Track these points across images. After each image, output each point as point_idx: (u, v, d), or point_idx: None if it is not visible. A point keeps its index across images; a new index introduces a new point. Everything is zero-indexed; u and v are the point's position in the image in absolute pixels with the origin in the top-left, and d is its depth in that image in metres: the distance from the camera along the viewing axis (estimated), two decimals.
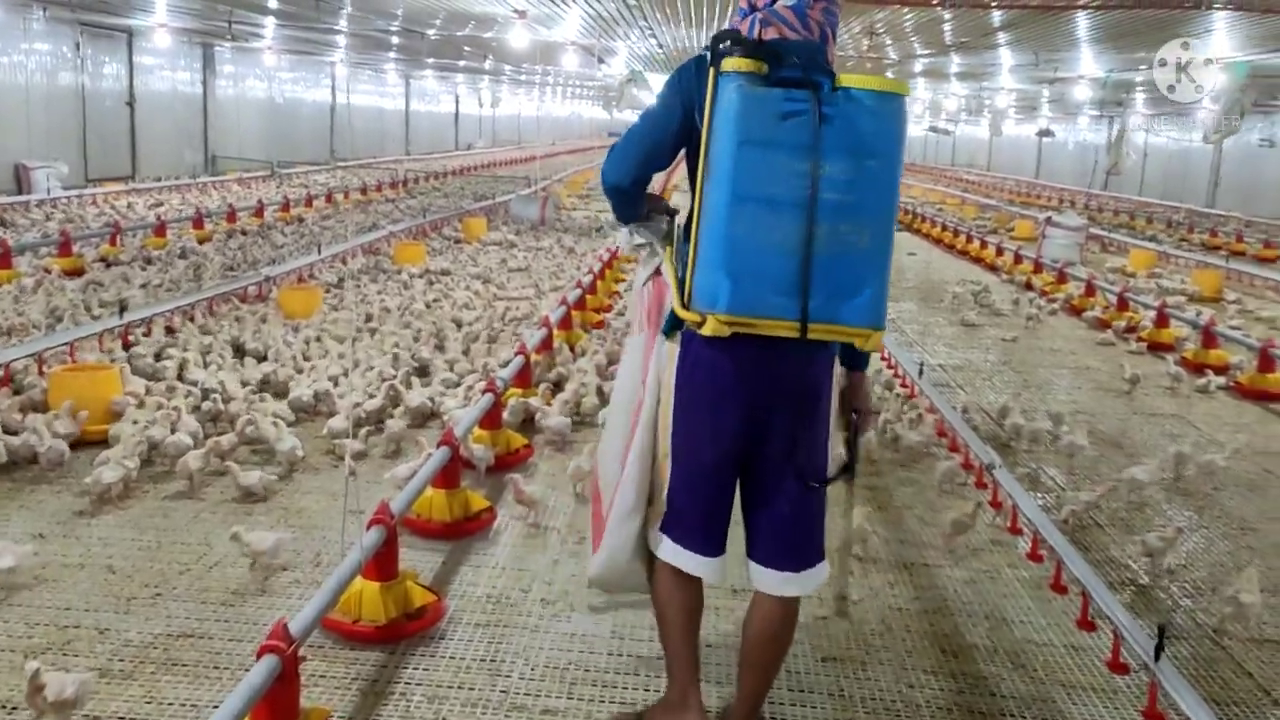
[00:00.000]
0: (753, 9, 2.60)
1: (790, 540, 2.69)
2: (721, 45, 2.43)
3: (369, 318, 8.32)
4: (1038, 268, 13.15)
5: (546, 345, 7.08)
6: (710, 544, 2.74)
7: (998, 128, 32.71)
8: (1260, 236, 18.46)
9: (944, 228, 18.02)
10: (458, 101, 45.10)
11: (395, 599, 3.55)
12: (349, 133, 31.63)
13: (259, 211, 14.75)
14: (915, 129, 52.66)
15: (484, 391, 5.28)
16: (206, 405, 5.66)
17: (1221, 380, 7.93)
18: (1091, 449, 6.22)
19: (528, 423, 5.89)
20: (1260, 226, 20.01)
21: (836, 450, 2.82)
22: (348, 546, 3.34)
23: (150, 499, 4.72)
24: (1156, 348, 9.24)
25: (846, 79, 2.43)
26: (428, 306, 8.97)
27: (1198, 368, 8.38)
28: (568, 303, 8.01)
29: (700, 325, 2.44)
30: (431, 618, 3.63)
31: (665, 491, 2.74)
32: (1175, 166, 29.08)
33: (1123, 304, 10.35)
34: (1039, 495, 5.33)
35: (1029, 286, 12.54)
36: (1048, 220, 15.37)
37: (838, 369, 2.74)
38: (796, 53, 2.45)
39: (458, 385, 6.44)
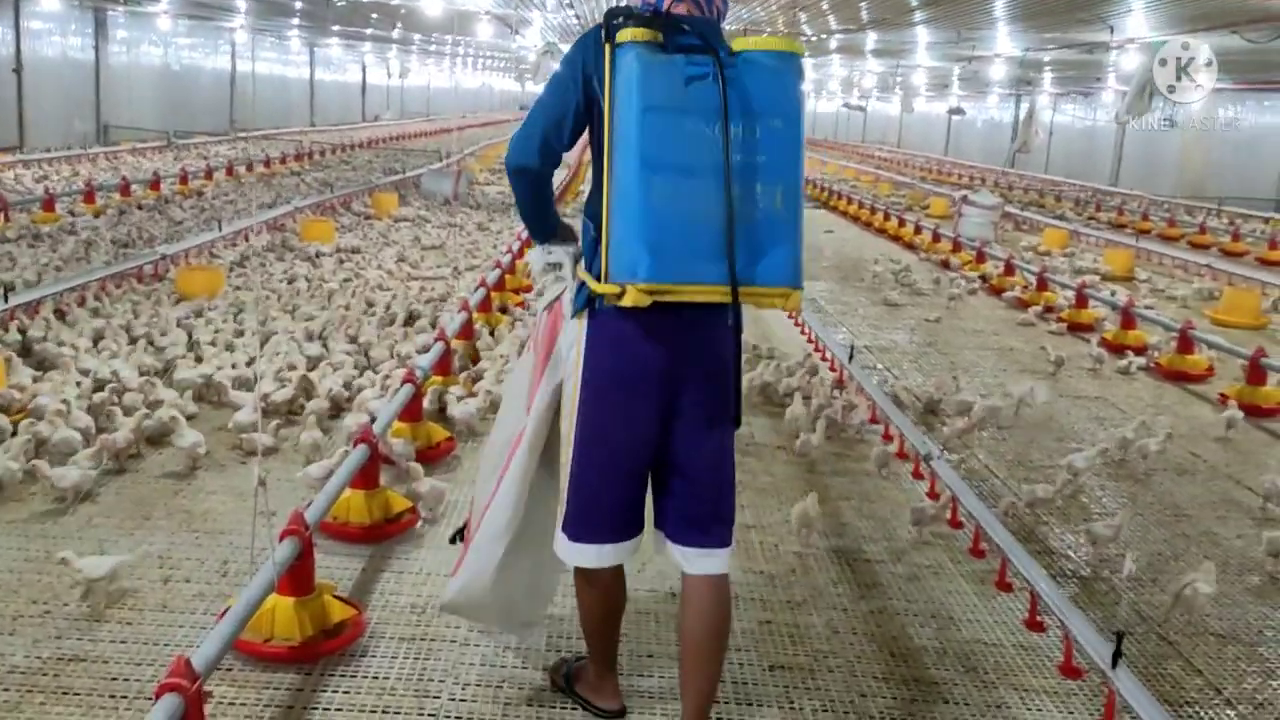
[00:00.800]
0: None
1: (707, 513, 2.67)
2: (615, 20, 2.41)
3: (277, 297, 7.90)
4: (956, 246, 13.20)
5: (466, 330, 6.78)
6: (622, 531, 2.70)
7: (909, 105, 33.02)
8: (1164, 215, 18.90)
9: (860, 205, 18.05)
10: (365, 71, 43.98)
11: (311, 615, 3.26)
12: (251, 103, 30.49)
13: (155, 184, 14.04)
14: (828, 105, 53.25)
15: (403, 382, 4.98)
16: (99, 396, 5.26)
17: (1141, 361, 7.99)
18: (1021, 433, 6.19)
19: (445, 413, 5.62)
20: (1163, 205, 20.49)
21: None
22: (258, 559, 3.05)
23: (37, 502, 4.33)
24: (1076, 328, 9.30)
25: (742, 41, 2.46)
26: (339, 286, 8.58)
27: (1118, 348, 8.44)
28: (486, 284, 7.70)
29: (619, 296, 2.38)
30: (351, 634, 3.35)
31: (566, 490, 2.69)
32: (1080, 145, 29.75)
33: (1042, 284, 10.41)
34: (975, 482, 5.25)
35: (947, 265, 12.59)
36: (963, 199, 15.46)
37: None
38: (693, 24, 2.45)
39: (372, 371, 6.12)
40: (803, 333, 8.39)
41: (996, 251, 12.68)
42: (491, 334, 7.13)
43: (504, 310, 8.00)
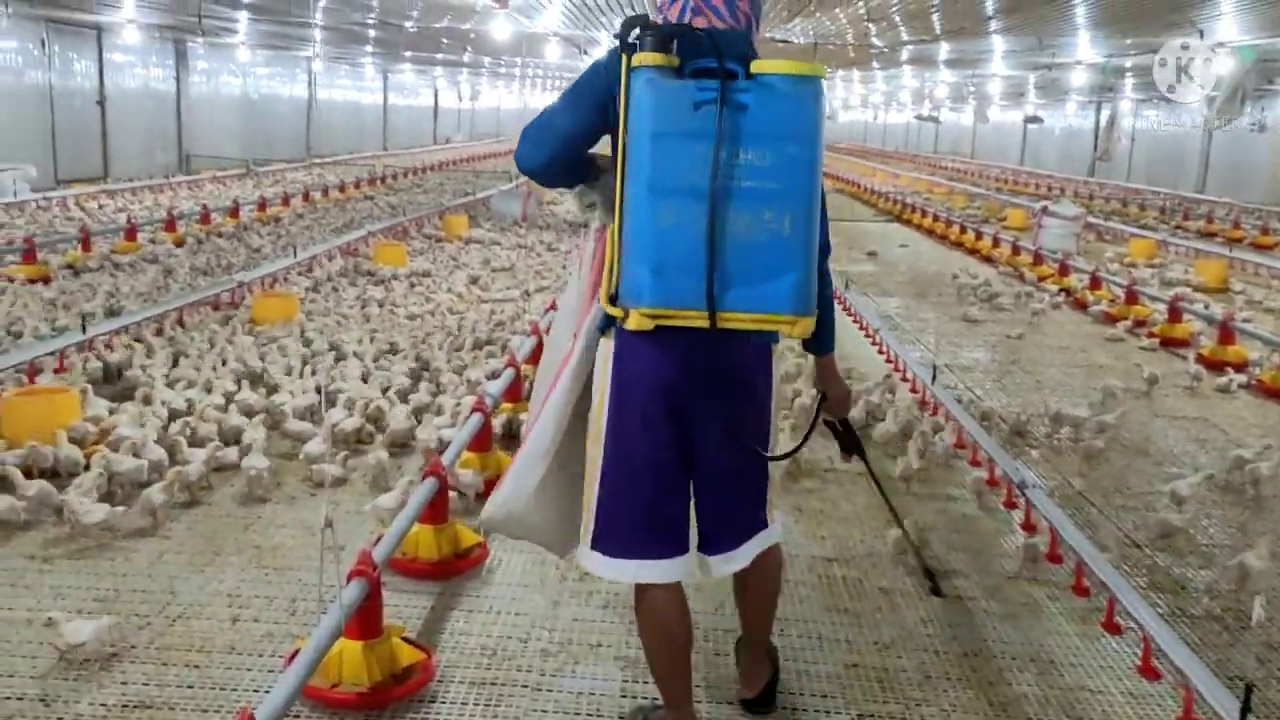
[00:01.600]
0: None
1: (740, 520, 2.78)
2: (631, 35, 2.42)
3: (348, 322, 7.89)
4: (1038, 259, 12.80)
5: (537, 355, 6.67)
6: (659, 545, 2.68)
7: (983, 114, 32.39)
8: (1256, 223, 18.19)
9: (935, 218, 17.67)
10: (436, 95, 44.54)
11: (379, 659, 3.15)
12: (326, 129, 31.02)
13: (234, 212, 14.26)
14: (899, 117, 52.57)
15: (472, 410, 4.88)
16: (175, 428, 5.25)
17: (1242, 379, 7.60)
18: (1116, 456, 5.89)
19: (515, 439, 5.50)
20: (1255, 212, 19.73)
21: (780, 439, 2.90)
22: (326, 601, 2.95)
23: (108, 539, 4.30)
24: (1170, 344, 8.90)
25: (760, 64, 2.42)
26: (410, 316, 8.56)
27: (1216, 365, 8.05)
28: (558, 306, 7.58)
29: (624, 320, 2.44)
30: (421, 679, 3.23)
31: (594, 504, 2.69)
32: (1163, 152, 28.85)
33: (1131, 297, 10.01)
34: (1069, 510, 4.98)
35: (1022, 278, 12.22)
36: (1043, 209, 15.03)
37: (775, 354, 2.76)
38: (716, 40, 2.43)
39: (442, 397, 6.05)
40: (880, 351, 8.13)
41: (1080, 263, 12.27)
42: None
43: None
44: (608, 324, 2.60)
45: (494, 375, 6.22)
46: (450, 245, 13.20)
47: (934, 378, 6.37)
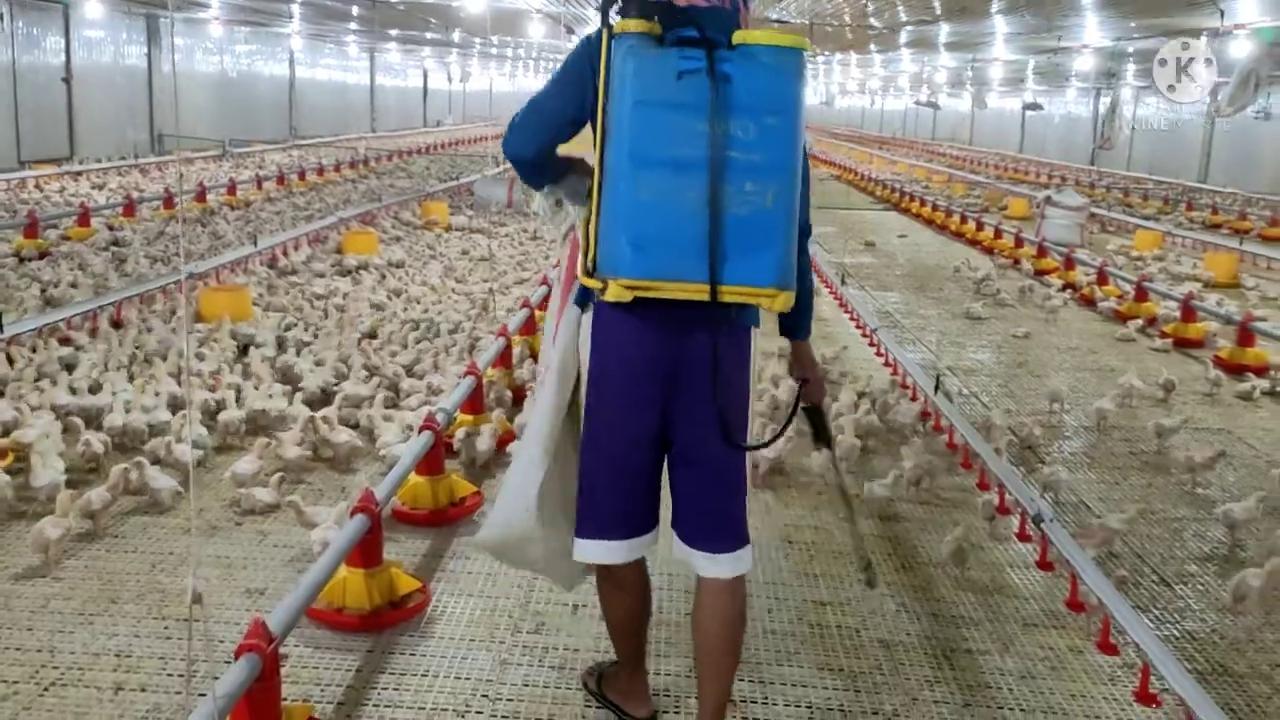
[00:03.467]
0: None
1: (711, 515, 2.63)
2: (612, 8, 2.41)
3: (303, 324, 7.30)
4: (1041, 252, 12.25)
5: (504, 358, 6.11)
6: (630, 526, 2.65)
7: (982, 100, 31.78)
8: (1263, 213, 17.64)
9: (934, 207, 17.11)
10: (426, 76, 43.79)
11: None
12: (309, 110, 30.31)
13: (200, 196, 13.62)
14: (896, 103, 51.91)
15: (420, 429, 4.31)
16: (87, 439, 4.67)
17: (1265, 384, 7.07)
18: (1137, 475, 5.36)
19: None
20: (1260, 203, 19.18)
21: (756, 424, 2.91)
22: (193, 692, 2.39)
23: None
24: (1184, 344, 8.37)
25: (743, 35, 2.37)
26: (375, 306, 7.98)
27: (1235, 369, 7.51)
28: (530, 303, 7.03)
29: (603, 291, 2.38)
30: None
31: (578, 489, 2.66)
32: (1164, 140, 28.26)
33: (1141, 294, 9.46)
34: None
35: (1018, 263, 11.71)
36: (1046, 199, 14.47)
37: (754, 338, 2.62)
38: (696, 15, 2.39)
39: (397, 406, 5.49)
40: (879, 354, 7.58)
41: (1084, 256, 11.72)
42: (535, 358, 6.46)
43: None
44: (585, 298, 2.56)
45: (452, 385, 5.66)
46: (429, 233, 12.61)
47: (937, 387, 5.81)
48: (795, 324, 2.74)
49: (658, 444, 2.60)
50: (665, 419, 2.56)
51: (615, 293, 2.34)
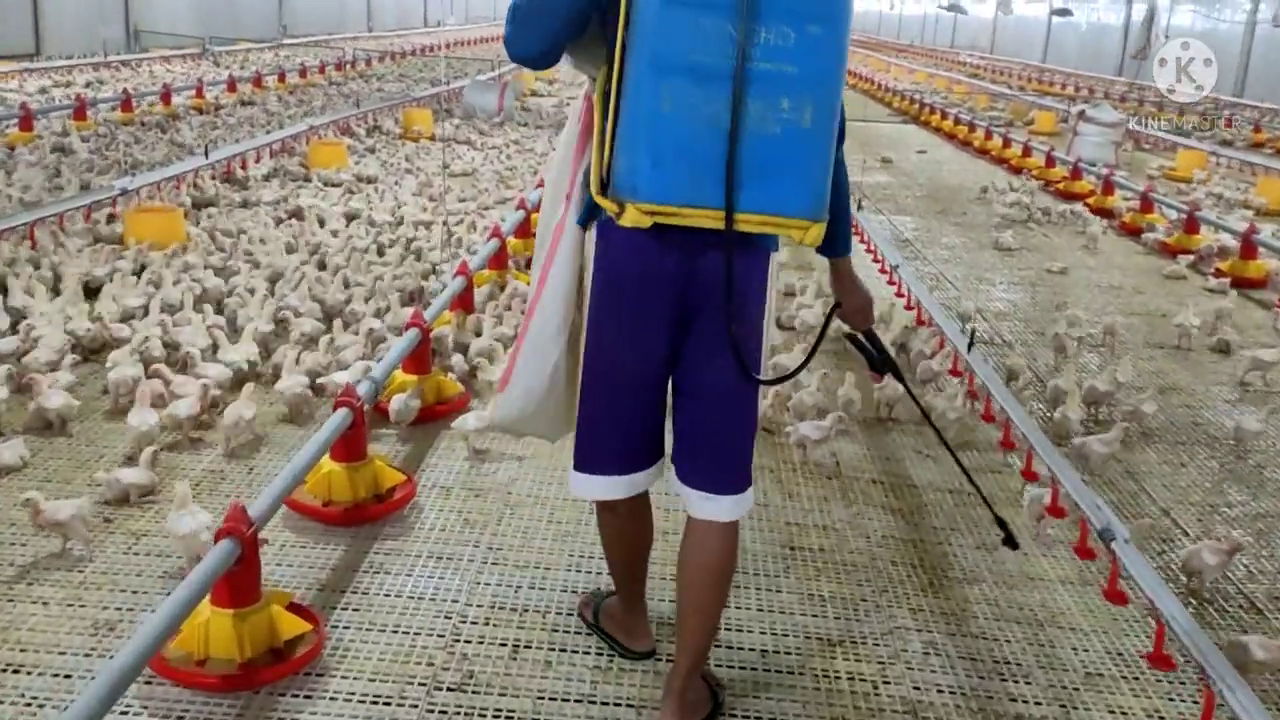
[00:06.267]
0: None
1: (712, 454, 2.44)
2: None
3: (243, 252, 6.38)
4: (1076, 173, 11.22)
5: (465, 299, 5.24)
6: (633, 459, 2.49)
7: (1007, 5, 30.17)
8: None
9: (956, 120, 15.98)
10: None
11: None
12: (302, 7, 28.86)
13: (165, 97, 12.57)
14: (915, 8, 49.86)
15: (336, 405, 3.47)
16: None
17: None
18: (1201, 466, 4.50)
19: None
20: None
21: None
22: None
23: None
24: (1243, 285, 7.42)
25: None
26: (334, 233, 7.06)
27: None
28: (501, 233, 6.10)
29: (619, 215, 2.13)
30: None
31: (577, 420, 2.50)
32: None
33: (1192, 225, 8.49)
34: (1170, 565, 3.63)
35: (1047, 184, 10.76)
36: (1079, 114, 13.37)
37: (773, 265, 2.39)
38: None
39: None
40: (899, 293, 6.67)
41: (1124, 179, 10.70)
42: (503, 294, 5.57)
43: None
44: (590, 216, 2.33)
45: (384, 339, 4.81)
46: (409, 145, 11.61)
47: (970, 344, 4.92)
48: (833, 236, 2.31)
49: (664, 371, 2.42)
50: (673, 345, 2.37)
51: (633, 217, 2.12)
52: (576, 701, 2.70)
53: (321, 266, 6.06)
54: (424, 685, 2.72)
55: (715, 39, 2.03)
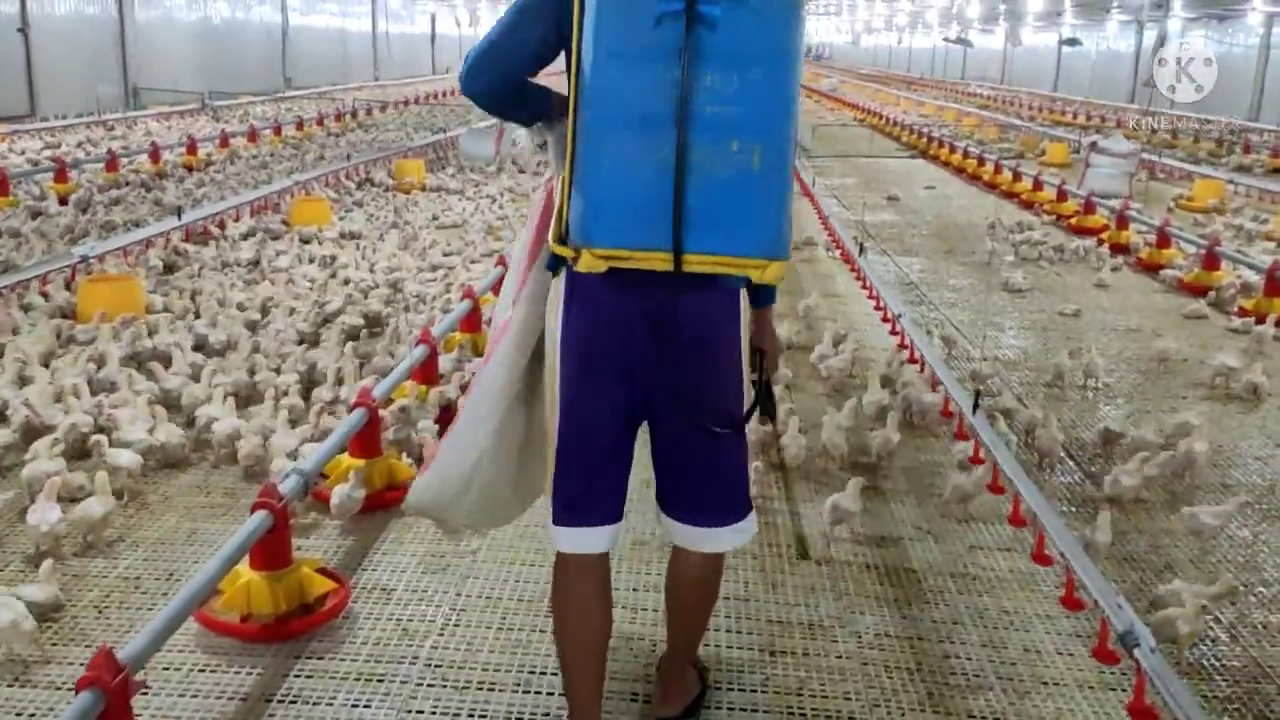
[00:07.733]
0: None
1: (707, 494, 2.46)
2: None
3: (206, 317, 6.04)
4: (1088, 207, 10.82)
5: (427, 370, 4.87)
6: (610, 511, 2.44)
7: (1016, 36, 29.94)
8: None
9: (965, 154, 15.63)
10: (434, 21, 42.30)
11: None
12: (305, 58, 28.90)
13: (154, 155, 12.36)
14: (924, 41, 49.77)
15: (255, 508, 3.09)
16: None
17: None
18: (1244, 525, 4.07)
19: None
20: None
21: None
22: None
23: None
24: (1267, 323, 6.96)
25: None
26: (311, 286, 6.72)
27: None
28: (474, 294, 5.74)
29: (575, 261, 2.17)
30: None
31: (552, 471, 2.42)
32: None
33: (1212, 261, 8.07)
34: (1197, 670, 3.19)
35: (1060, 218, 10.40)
36: (1091, 145, 12.99)
37: (744, 301, 2.40)
38: None
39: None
40: (902, 344, 6.26)
41: (1138, 212, 10.28)
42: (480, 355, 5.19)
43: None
44: (557, 264, 2.33)
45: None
46: (401, 196, 11.32)
47: (975, 405, 4.51)
48: (759, 288, 2.41)
49: (636, 418, 2.42)
50: (646, 390, 2.37)
51: (588, 263, 2.14)
52: None
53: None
54: None
55: (658, 86, 2.04)
